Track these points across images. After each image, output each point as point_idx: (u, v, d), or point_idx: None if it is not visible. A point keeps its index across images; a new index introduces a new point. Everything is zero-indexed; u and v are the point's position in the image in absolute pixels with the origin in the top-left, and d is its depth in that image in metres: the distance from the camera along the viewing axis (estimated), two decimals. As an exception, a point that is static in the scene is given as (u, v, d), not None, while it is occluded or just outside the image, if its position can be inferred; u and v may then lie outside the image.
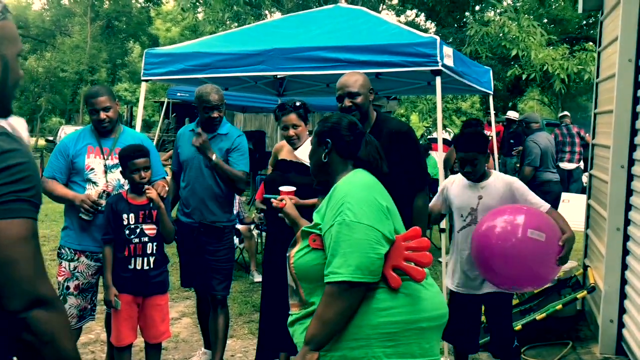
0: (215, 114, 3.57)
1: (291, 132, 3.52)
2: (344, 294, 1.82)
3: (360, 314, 1.87)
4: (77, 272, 3.33)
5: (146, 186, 3.19)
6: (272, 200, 2.83)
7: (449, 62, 4.40)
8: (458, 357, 3.44)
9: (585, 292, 4.23)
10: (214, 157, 3.50)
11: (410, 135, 3.19)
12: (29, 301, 1.17)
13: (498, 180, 3.19)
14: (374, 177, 2.07)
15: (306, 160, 3.51)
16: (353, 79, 3.15)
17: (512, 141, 10.59)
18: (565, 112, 10.46)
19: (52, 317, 1.20)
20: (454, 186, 3.32)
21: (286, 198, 2.62)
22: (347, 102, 3.11)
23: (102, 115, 3.31)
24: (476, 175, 3.18)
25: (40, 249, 1.24)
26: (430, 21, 15.66)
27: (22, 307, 1.16)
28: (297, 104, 3.56)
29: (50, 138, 26.91)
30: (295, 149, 3.60)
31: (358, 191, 1.94)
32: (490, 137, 6.70)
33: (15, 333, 1.18)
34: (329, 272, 1.84)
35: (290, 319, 2.08)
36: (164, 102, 15.44)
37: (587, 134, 9.81)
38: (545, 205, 3.06)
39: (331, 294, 1.83)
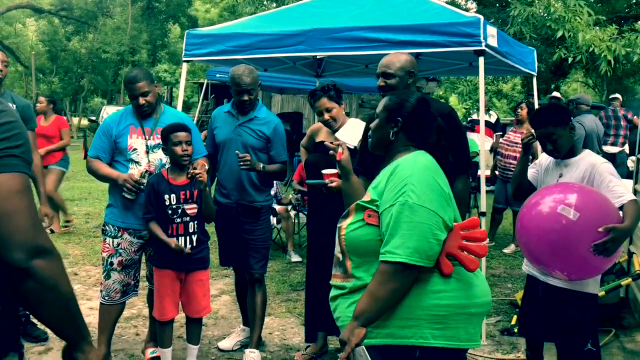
0: (246, 97, 3.54)
1: (326, 116, 3.53)
2: (398, 274, 1.83)
3: (413, 295, 1.88)
4: (121, 248, 3.41)
5: (196, 170, 3.20)
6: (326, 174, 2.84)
7: (493, 42, 4.30)
8: (530, 345, 3.24)
9: (630, 279, 4.12)
10: (260, 167, 3.53)
11: (454, 117, 3.11)
12: (30, 251, 1.22)
13: (583, 160, 2.88)
14: (436, 162, 2.03)
15: (348, 142, 3.50)
16: (392, 59, 3.05)
17: None
18: (616, 95, 10.14)
19: (52, 264, 1.26)
20: (546, 161, 3.08)
21: (342, 146, 2.50)
22: (380, 82, 3.04)
23: (141, 100, 3.35)
24: (560, 152, 2.89)
25: (34, 203, 1.28)
26: (471, 1, 15.33)
27: (25, 257, 1.21)
28: (325, 87, 3.54)
29: (93, 118, 27.51)
30: (334, 131, 3.59)
31: (422, 174, 1.92)
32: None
33: (17, 283, 1.23)
34: (386, 251, 1.84)
35: (333, 292, 2.07)
36: (203, 83, 15.58)
37: (635, 117, 9.53)
38: (625, 197, 2.69)
39: (386, 273, 1.84)
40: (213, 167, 3.78)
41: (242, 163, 3.47)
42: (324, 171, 3.30)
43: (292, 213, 6.54)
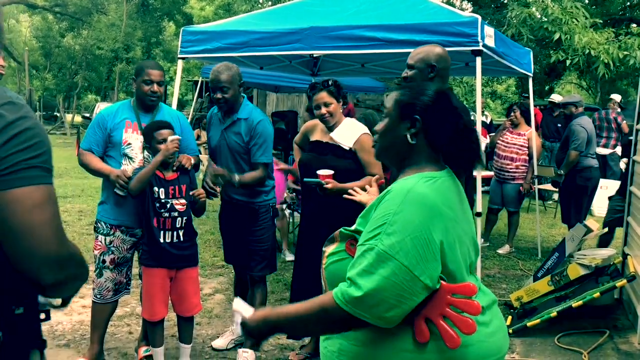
0: (219, 95, 3.43)
1: (323, 110, 3.45)
2: (337, 319, 1.49)
3: (384, 350, 1.54)
4: (113, 246, 3.38)
5: (196, 192, 3.23)
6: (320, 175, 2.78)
7: (490, 42, 4.29)
8: None
9: (624, 280, 4.13)
10: (235, 179, 3.43)
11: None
12: (57, 266, 1.19)
13: None
14: (450, 187, 1.61)
15: (344, 143, 3.47)
16: (418, 50, 2.90)
17: (559, 125, 10.31)
18: (614, 96, 10.21)
19: (77, 267, 1.26)
20: None
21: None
22: (403, 73, 2.92)
23: (156, 87, 3.35)
24: None
25: (59, 213, 1.24)
26: (467, 1, 15.32)
27: (54, 274, 1.19)
28: (328, 81, 3.49)
29: (87, 115, 27.38)
30: (330, 128, 3.54)
31: (411, 212, 1.47)
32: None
33: (53, 293, 1.26)
34: (338, 289, 1.50)
35: None
36: (197, 81, 15.54)
37: (624, 122, 9.60)
38: None
39: (326, 310, 1.50)
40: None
41: (211, 177, 3.40)
42: (319, 172, 3.27)
43: (287, 212, 6.52)
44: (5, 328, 1.22)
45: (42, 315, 1.35)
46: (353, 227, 1.64)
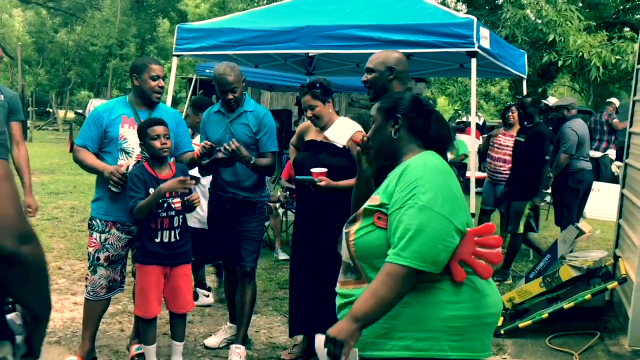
0: (230, 96, 3.52)
1: (309, 113, 3.48)
2: (404, 278, 1.75)
3: (428, 305, 1.81)
4: (108, 243, 3.37)
5: (192, 198, 3.24)
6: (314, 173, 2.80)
7: (485, 43, 4.31)
8: None
9: (616, 282, 4.15)
10: (251, 160, 3.48)
11: None
12: (19, 237, 1.23)
13: None
14: (446, 162, 1.96)
15: (338, 142, 3.48)
16: (377, 54, 2.97)
17: (550, 128, 10.39)
18: (612, 99, 10.25)
19: (37, 249, 1.29)
20: None
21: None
22: (363, 77, 2.98)
23: (162, 83, 3.38)
24: None
25: (17, 189, 1.28)
26: (461, 2, 15.36)
27: (14, 243, 1.22)
28: (312, 83, 3.49)
29: (80, 111, 27.24)
30: (321, 129, 3.54)
31: (433, 176, 1.84)
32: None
33: (3, 269, 1.24)
34: (394, 254, 1.76)
35: (340, 301, 1.97)
36: (191, 78, 15.49)
37: (616, 119, 9.65)
38: None
39: (391, 275, 1.75)
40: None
41: (235, 159, 3.42)
42: (313, 170, 3.28)
43: (280, 210, 6.51)
44: None
45: (10, 307, 1.38)
46: (377, 202, 1.89)
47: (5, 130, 3.57)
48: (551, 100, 10.81)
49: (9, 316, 1.38)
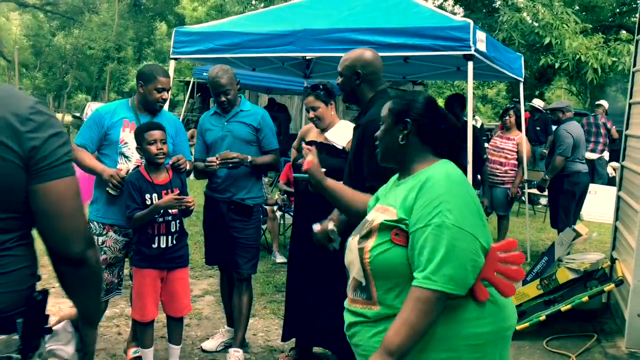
0: (223, 98, 3.56)
1: (311, 114, 3.56)
2: (436, 303, 1.66)
3: (449, 324, 1.73)
4: (105, 246, 3.36)
5: (188, 200, 3.21)
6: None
7: (482, 47, 4.32)
8: None
9: (613, 285, 4.16)
10: (248, 160, 3.52)
11: (370, 130, 2.55)
12: (86, 243, 1.42)
13: None
14: (463, 174, 1.85)
15: (337, 143, 3.50)
16: (345, 57, 2.86)
17: (537, 128, 10.52)
18: (602, 102, 10.29)
19: (97, 252, 1.49)
20: None
21: (311, 154, 2.42)
22: (336, 80, 2.91)
23: (166, 95, 3.40)
24: None
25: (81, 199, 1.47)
26: (458, 5, 15.41)
27: (84, 249, 1.40)
28: (315, 85, 3.56)
29: (77, 114, 27.23)
30: (323, 130, 3.60)
31: (457, 190, 1.74)
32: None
33: (71, 272, 1.43)
34: (424, 277, 1.66)
35: (350, 318, 1.88)
36: (189, 81, 15.51)
37: (614, 127, 9.70)
38: None
39: (424, 301, 1.65)
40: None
41: (231, 164, 3.46)
42: None
43: (278, 214, 6.52)
44: (28, 312, 1.39)
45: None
46: (395, 217, 1.77)
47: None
48: (536, 103, 10.87)
49: (60, 325, 1.54)
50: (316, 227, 2.61)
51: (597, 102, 10.52)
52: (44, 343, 1.47)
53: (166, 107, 4.84)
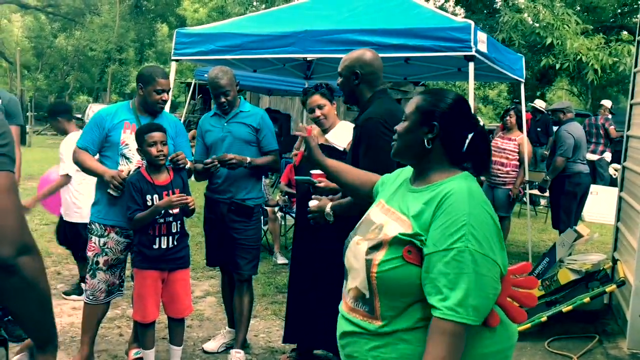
0: (223, 99, 3.58)
1: (317, 112, 3.57)
2: (462, 334, 1.54)
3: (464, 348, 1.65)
4: (107, 247, 3.37)
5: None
6: (313, 175, 2.80)
7: (483, 47, 4.32)
8: None
9: (614, 285, 4.16)
10: (247, 161, 3.54)
11: (366, 127, 2.72)
12: (18, 248, 1.23)
13: None
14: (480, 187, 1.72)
15: (338, 144, 3.50)
16: (345, 57, 2.85)
17: (538, 129, 10.52)
18: (604, 102, 10.29)
19: (36, 262, 1.28)
20: None
21: (314, 132, 2.38)
22: (337, 80, 2.90)
23: (166, 96, 3.39)
24: None
25: (20, 200, 1.30)
26: (459, 6, 15.41)
27: (13, 254, 1.22)
28: (318, 84, 3.59)
29: (79, 116, 27.25)
30: (325, 130, 3.60)
31: (481, 212, 1.60)
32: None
33: (0, 279, 1.24)
34: (450, 309, 1.53)
35: (347, 327, 1.77)
36: (190, 83, 15.52)
37: (612, 127, 9.70)
38: None
39: (455, 335, 1.53)
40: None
41: (227, 165, 3.46)
42: (313, 171, 3.30)
43: (279, 215, 6.52)
44: None
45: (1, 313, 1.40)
46: (410, 230, 1.65)
47: (11, 141, 3.58)
48: (538, 103, 10.86)
49: (19, 356, 1.41)
50: (312, 203, 2.61)
51: (600, 103, 10.53)
52: None
53: (167, 108, 4.86)
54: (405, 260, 1.63)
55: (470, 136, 1.74)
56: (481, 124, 1.83)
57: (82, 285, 4.60)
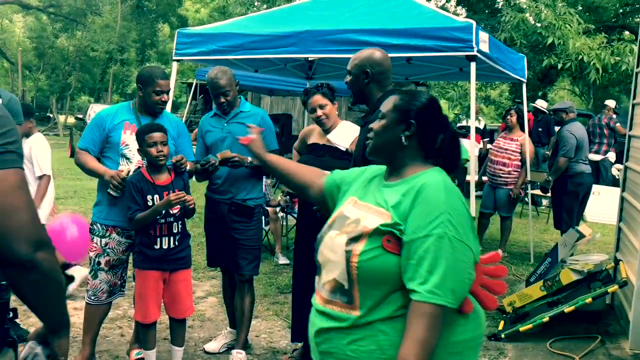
0: (222, 99, 3.57)
1: (319, 112, 3.55)
2: (440, 316, 1.59)
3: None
4: (108, 248, 3.37)
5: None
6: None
7: (485, 47, 4.32)
8: None
9: (616, 286, 4.14)
10: (248, 161, 3.52)
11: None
12: (34, 244, 1.26)
13: None
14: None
15: (340, 144, 3.50)
16: (355, 55, 2.85)
17: (540, 129, 10.51)
18: (608, 101, 10.26)
19: (52, 256, 1.31)
20: None
21: (254, 130, 2.37)
22: (345, 79, 2.89)
23: (165, 97, 3.38)
24: None
25: (31, 196, 1.32)
26: (461, 6, 15.40)
27: (30, 250, 1.25)
28: (319, 84, 3.58)
29: (80, 116, 27.30)
30: (326, 131, 3.59)
31: (455, 201, 1.67)
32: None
33: (19, 276, 1.28)
34: (429, 292, 1.58)
35: (323, 323, 1.77)
36: (192, 83, 15.53)
37: (618, 124, 9.66)
38: None
39: (434, 316, 1.59)
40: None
41: (230, 163, 3.46)
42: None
43: (281, 215, 6.51)
44: None
45: (10, 314, 1.41)
46: (389, 220, 1.69)
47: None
48: (539, 104, 10.86)
49: (26, 348, 1.43)
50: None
51: (604, 103, 10.50)
52: None
53: (168, 108, 4.86)
54: (384, 249, 1.67)
55: (442, 135, 1.83)
56: (451, 124, 1.92)
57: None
